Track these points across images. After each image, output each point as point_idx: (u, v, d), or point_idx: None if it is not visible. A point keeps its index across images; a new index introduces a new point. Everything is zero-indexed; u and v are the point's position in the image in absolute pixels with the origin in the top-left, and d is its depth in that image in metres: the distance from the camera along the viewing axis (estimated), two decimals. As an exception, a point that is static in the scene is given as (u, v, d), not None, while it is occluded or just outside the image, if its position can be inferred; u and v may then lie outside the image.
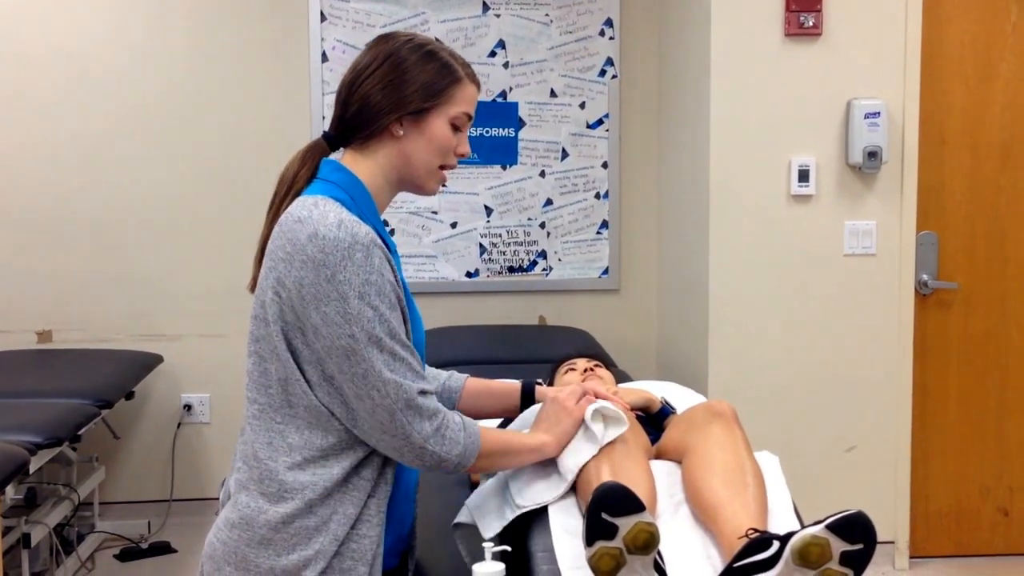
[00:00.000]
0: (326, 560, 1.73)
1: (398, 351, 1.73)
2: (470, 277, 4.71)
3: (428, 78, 1.84)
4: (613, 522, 1.80)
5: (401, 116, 1.83)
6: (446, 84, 1.85)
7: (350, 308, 1.69)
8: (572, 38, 4.68)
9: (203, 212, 4.55)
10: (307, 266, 1.70)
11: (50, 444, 3.20)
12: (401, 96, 1.82)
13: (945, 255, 4.06)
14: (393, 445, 1.75)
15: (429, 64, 1.85)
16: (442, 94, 1.85)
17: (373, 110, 1.83)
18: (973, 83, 4.02)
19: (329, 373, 1.73)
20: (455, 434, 1.79)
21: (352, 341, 1.69)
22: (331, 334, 1.70)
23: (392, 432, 1.73)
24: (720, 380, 3.94)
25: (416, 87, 1.83)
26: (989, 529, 4.16)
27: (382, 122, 1.83)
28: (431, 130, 1.85)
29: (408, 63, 1.83)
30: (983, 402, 4.12)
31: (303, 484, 1.74)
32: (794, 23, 3.85)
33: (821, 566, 1.79)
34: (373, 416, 1.72)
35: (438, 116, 1.85)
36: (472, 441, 1.81)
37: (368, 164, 1.86)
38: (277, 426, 1.77)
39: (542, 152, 4.70)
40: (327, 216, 1.72)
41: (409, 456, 1.76)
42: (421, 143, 1.85)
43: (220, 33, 4.52)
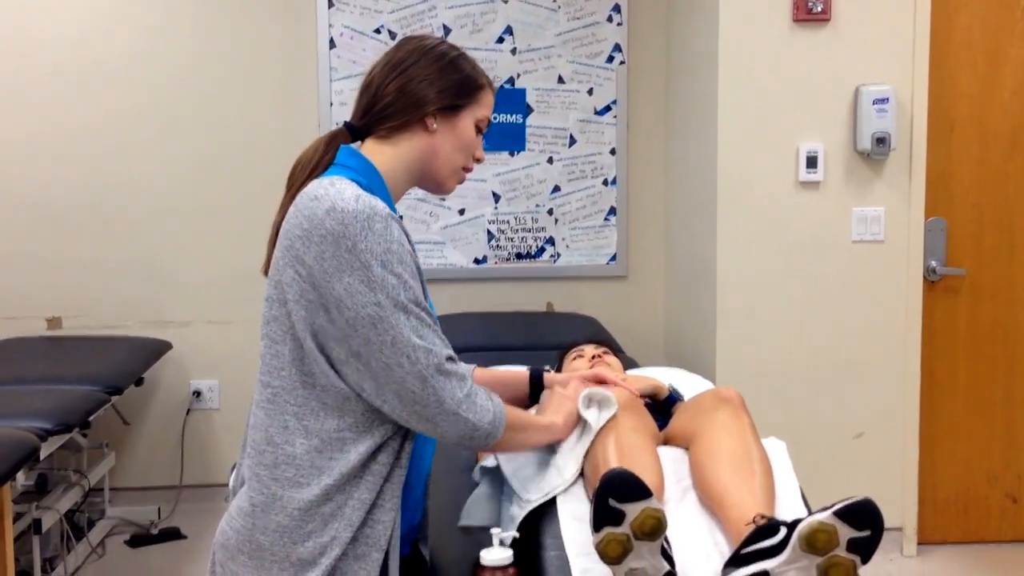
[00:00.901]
0: (341, 547, 1.72)
1: (424, 317, 1.73)
2: (478, 264, 4.72)
3: (464, 77, 1.89)
4: (620, 508, 1.80)
5: (439, 110, 1.86)
6: (478, 86, 1.91)
7: (374, 276, 1.68)
8: (580, 24, 4.67)
9: (212, 199, 4.56)
10: (326, 240, 1.69)
11: (60, 430, 3.21)
12: (439, 89, 1.86)
13: (953, 242, 4.06)
14: (426, 415, 1.73)
15: (464, 64, 1.91)
16: (474, 94, 1.90)
17: (409, 102, 1.85)
18: (982, 69, 4.01)
19: (355, 348, 1.71)
20: (485, 401, 1.78)
21: (378, 308, 1.68)
22: (356, 304, 1.68)
23: (424, 401, 1.71)
24: (728, 367, 3.94)
25: (452, 82, 1.87)
26: (997, 516, 4.16)
27: (420, 112, 1.86)
28: (461, 128, 1.89)
29: (448, 59, 1.89)
30: (991, 389, 4.12)
31: (320, 469, 1.73)
32: (802, 8, 3.84)
33: (828, 552, 1.79)
34: (404, 386, 1.70)
35: (468, 115, 1.90)
36: (500, 411, 1.81)
37: (391, 153, 1.87)
38: (292, 409, 1.75)
39: (550, 138, 4.70)
40: (344, 192, 1.72)
41: (444, 425, 1.74)
42: (451, 139, 1.88)
43: (228, 20, 4.52)
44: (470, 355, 3.90)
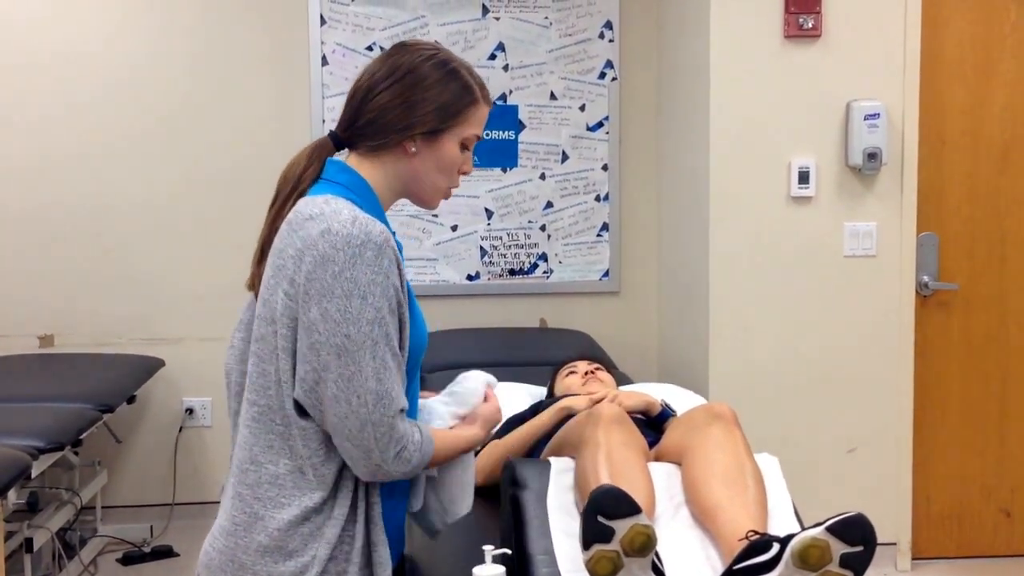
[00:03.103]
0: (321, 565, 1.70)
1: (388, 361, 1.68)
2: (471, 280, 4.72)
3: (447, 99, 1.81)
4: (609, 525, 1.80)
5: (416, 134, 1.81)
6: (463, 106, 1.83)
7: (351, 307, 1.65)
8: (572, 41, 4.69)
9: (204, 215, 4.55)
10: (316, 261, 1.67)
11: (52, 448, 3.20)
12: (419, 115, 1.80)
13: (945, 256, 4.06)
14: (350, 454, 1.70)
15: (450, 84, 1.82)
16: (458, 116, 1.82)
17: (388, 124, 1.81)
18: (972, 84, 4.02)
19: (312, 371, 1.68)
20: (411, 455, 1.72)
21: (347, 340, 1.65)
22: (327, 331, 1.66)
23: (354, 442, 1.68)
24: (721, 382, 3.94)
25: (434, 107, 1.80)
26: (991, 530, 4.15)
27: (399, 136, 1.81)
28: (442, 151, 1.83)
29: (429, 81, 1.81)
30: (984, 403, 4.12)
31: (302, 489, 1.72)
32: (793, 25, 3.85)
33: (821, 568, 1.79)
34: (343, 421, 1.67)
35: (451, 137, 1.82)
36: (423, 459, 1.75)
37: (375, 170, 1.84)
38: (278, 428, 1.73)
39: (542, 155, 4.70)
40: (340, 212, 1.70)
41: (360, 467, 1.70)
42: (431, 162, 1.83)
43: (221, 37, 4.52)
44: (464, 371, 3.90)
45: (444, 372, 4.02)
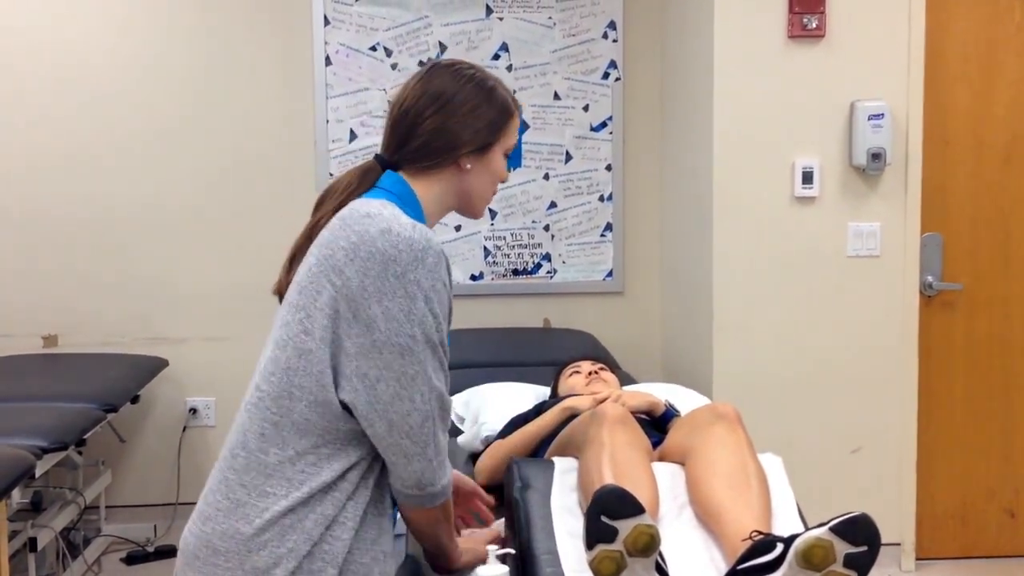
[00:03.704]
0: (296, 560, 1.69)
1: (444, 361, 1.77)
2: (474, 280, 4.72)
3: (492, 116, 1.89)
4: (613, 525, 1.80)
5: (471, 150, 1.88)
6: (505, 119, 1.92)
7: (416, 308, 1.69)
8: (575, 41, 4.69)
9: (208, 216, 4.55)
10: (375, 258, 1.69)
11: (56, 448, 3.21)
12: (469, 135, 1.87)
13: (949, 256, 4.06)
14: (407, 451, 1.72)
15: (493, 101, 1.90)
16: (502, 129, 1.91)
17: (441, 147, 1.86)
18: (977, 84, 4.02)
19: (368, 369, 1.69)
20: (450, 466, 1.82)
21: (411, 340, 1.69)
22: (390, 329, 1.68)
23: (414, 437, 1.72)
24: (724, 382, 3.94)
25: (485, 124, 1.88)
26: (995, 531, 4.15)
27: (452, 156, 1.87)
28: (493, 163, 1.92)
29: (475, 102, 1.88)
30: (988, 403, 4.11)
31: (290, 481, 1.71)
32: (797, 25, 3.85)
33: (825, 568, 1.79)
34: (405, 418, 1.71)
35: (498, 149, 1.92)
36: (448, 481, 1.83)
37: (427, 188, 1.88)
38: (273, 417, 1.73)
39: (546, 155, 4.71)
40: (400, 216, 1.74)
41: (416, 464, 1.74)
42: (484, 176, 1.92)
43: (224, 38, 4.53)
44: (467, 371, 3.90)
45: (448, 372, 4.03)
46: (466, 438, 3.15)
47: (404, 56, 4.60)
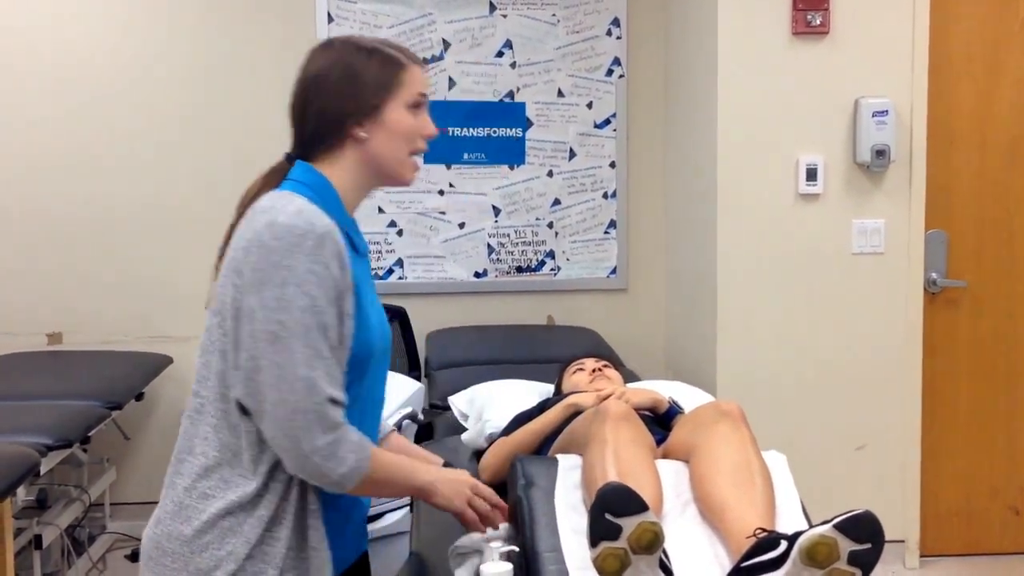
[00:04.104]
0: (237, 562, 1.70)
1: (322, 350, 1.68)
2: (478, 277, 4.72)
3: (375, 74, 1.84)
4: (617, 522, 1.80)
5: (360, 118, 1.83)
6: (391, 74, 1.85)
7: (286, 294, 1.66)
8: (579, 38, 4.68)
9: (211, 213, 4.52)
10: (260, 251, 1.69)
11: (61, 446, 3.21)
12: (355, 99, 1.83)
13: (954, 253, 4.05)
14: (282, 445, 1.69)
15: (372, 60, 1.85)
16: (390, 84, 1.84)
17: (331, 121, 1.83)
18: (981, 80, 4.01)
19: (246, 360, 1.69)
20: (346, 453, 1.70)
21: (280, 328, 1.66)
22: (263, 318, 1.67)
23: (285, 431, 1.67)
24: (728, 379, 3.93)
25: (366, 86, 1.83)
26: (1000, 528, 4.15)
27: (343, 128, 1.83)
28: (390, 121, 1.84)
29: (355, 66, 1.84)
30: (993, 400, 4.11)
31: (228, 483, 1.72)
32: (801, 21, 3.84)
33: (829, 566, 1.79)
34: (275, 408, 1.67)
35: (393, 106, 1.84)
36: (360, 464, 1.72)
37: (336, 170, 1.85)
38: (212, 420, 1.75)
39: (550, 152, 4.70)
40: (287, 205, 1.72)
41: (291, 462, 1.69)
42: (384, 137, 1.84)
43: (227, 36, 4.53)
44: (470, 369, 3.91)
45: (452, 369, 4.04)
46: (470, 435, 3.15)
47: (408, 53, 4.60)
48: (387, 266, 4.65)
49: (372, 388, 1.86)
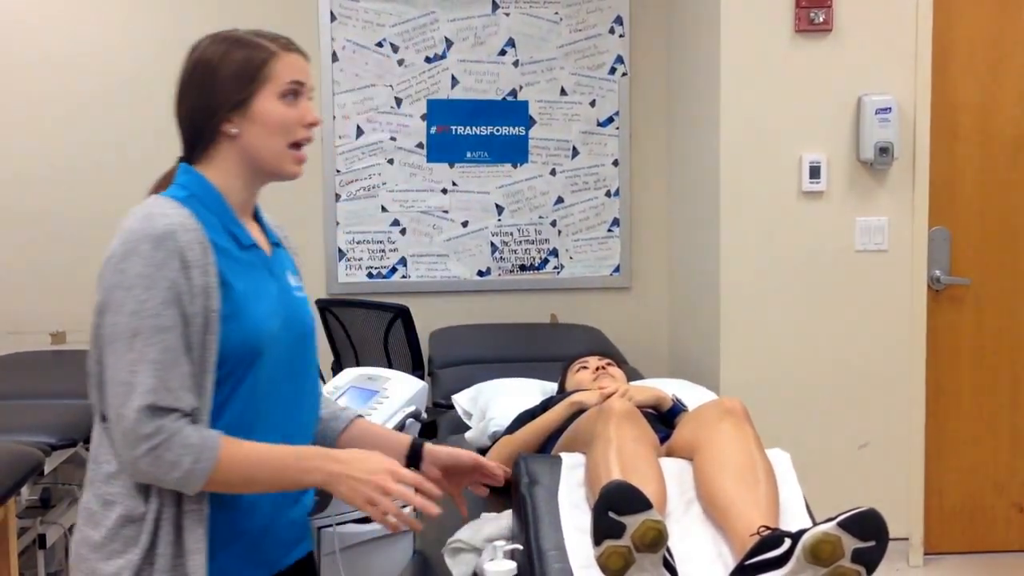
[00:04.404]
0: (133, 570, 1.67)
1: (149, 354, 1.63)
2: (481, 276, 4.72)
3: (237, 67, 1.79)
4: (620, 520, 1.80)
5: (227, 114, 1.78)
6: (258, 64, 1.80)
7: (114, 298, 1.66)
8: (582, 36, 4.68)
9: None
10: (107, 258, 1.70)
11: (64, 445, 3.21)
12: (220, 96, 1.79)
13: (957, 251, 4.05)
14: (116, 451, 1.68)
15: (235, 53, 1.81)
16: (258, 75, 1.79)
17: (200, 121, 1.82)
18: (985, 78, 4.01)
19: (89, 366, 1.71)
20: (178, 457, 1.63)
21: (112, 331, 1.66)
22: (97, 323, 1.68)
23: (114, 437, 1.67)
24: (732, 377, 3.93)
25: (228, 79, 1.79)
26: (1004, 525, 4.14)
27: (212, 127, 1.80)
28: (261, 114, 1.78)
29: (215, 62, 1.81)
30: (996, 397, 4.11)
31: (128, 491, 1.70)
32: (804, 19, 3.84)
33: (833, 563, 1.79)
34: (109, 413, 1.67)
35: (263, 98, 1.78)
36: (199, 465, 1.64)
37: (216, 170, 1.82)
38: (105, 427, 1.73)
39: (552, 150, 4.70)
40: (141, 210, 1.73)
41: (126, 468, 1.66)
42: (256, 131, 1.79)
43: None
44: (474, 367, 3.91)
45: (455, 368, 4.03)
46: (473, 434, 3.15)
47: (410, 52, 4.60)
48: (390, 265, 4.65)
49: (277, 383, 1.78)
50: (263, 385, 1.75)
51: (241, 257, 1.77)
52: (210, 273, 1.69)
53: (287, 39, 1.86)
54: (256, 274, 1.78)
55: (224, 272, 1.71)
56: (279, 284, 1.82)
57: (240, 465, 1.68)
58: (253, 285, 1.76)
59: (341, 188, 4.61)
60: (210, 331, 1.67)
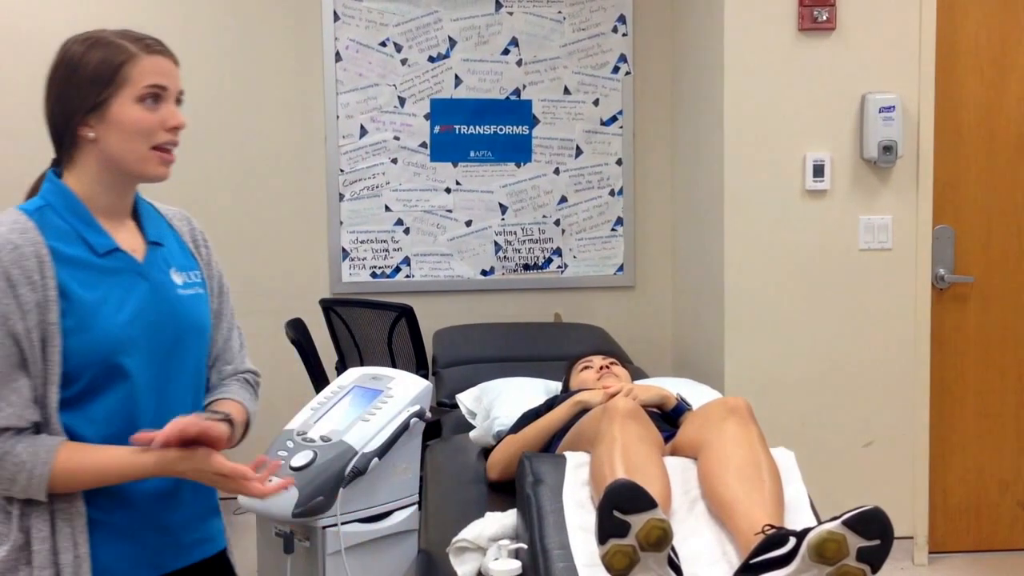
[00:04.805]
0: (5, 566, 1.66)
1: None
2: (485, 275, 4.72)
3: (94, 69, 1.75)
4: (625, 519, 1.80)
5: (84, 117, 1.75)
6: (116, 66, 1.76)
7: None
8: (585, 35, 4.68)
9: (217, 211, 4.56)
10: None
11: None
12: (75, 100, 1.75)
13: (961, 249, 4.05)
14: None
15: (93, 54, 1.77)
16: (115, 77, 1.75)
17: (60, 122, 1.79)
18: (988, 76, 4.00)
19: None
20: (11, 474, 1.63)
21: None
22: None
23: None
24: (736, 376, 3.93)
25: (83, 83, 1.75)
26: (1008, 524, 4.14)
27: (70, 130, 1.78)
28: (118, 118, 1.75)
29: (73, 62, 1.77)
30: (1001, 396, 4.10)
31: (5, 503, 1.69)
32: (808, 18, 3.84)
33: (838, 562, 1.78)
34: None
35: (120, 102, 1.75)
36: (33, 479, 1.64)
37: (78, 175, 1.79)
38: None
39: (556, 149, 4.70)
40: None
41: None
42: (115, 135, 1.75)
43: (234, 35, 4.53)
44: (478, 366, 3.91)
45: (459, 367, 4.03)
46: (478, 433, 3.15)
47: (414, 52, 4.60)
48: (394, 264, 4.66)
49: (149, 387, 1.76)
50: (133, 390, 1.73)
51: (98, 264, 1.74)
52: (47, 287, 1.66)
53: (153, 40, 1.83)
54: (116, 280, 1.75)
55: (67, 284, 1.68)
56: (152, 285, 1.79)
57: (81, 469, 1.67)
58: (108, 293, 1.73)
59: (345, 188, 4.61)
60: (50, 344, 1.65)
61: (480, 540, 2.28)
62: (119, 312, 1.72)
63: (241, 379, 1.98)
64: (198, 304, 1.88)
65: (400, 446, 2.47)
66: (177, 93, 1.84)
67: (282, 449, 2.47)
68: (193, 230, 1.99)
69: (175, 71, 1.84)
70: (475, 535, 2.30)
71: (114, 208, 1.81)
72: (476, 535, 2.30)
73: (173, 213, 1.97)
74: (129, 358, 1.72)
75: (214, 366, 1.95)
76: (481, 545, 2.28)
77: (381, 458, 2.41)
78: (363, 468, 2.36)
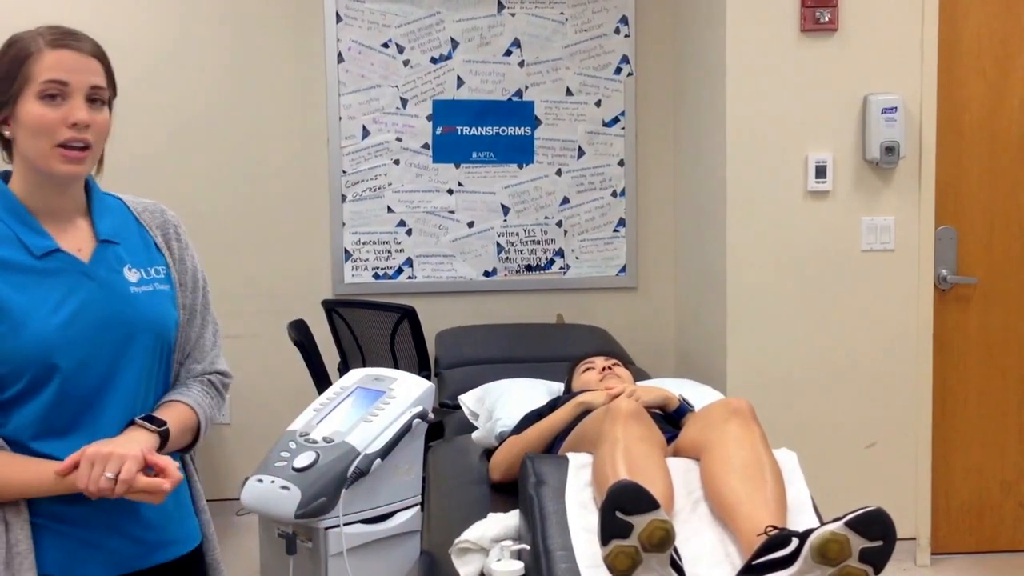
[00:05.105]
0: None
1: None
2: (487, 276, 4.72)
3: (6, 67, 1.74)
4: (627, 520, 1.80)
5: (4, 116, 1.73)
6: (19, 64, 1.73)
7: None
8: (587, 36, 4.68)
9: (220, 212, 4.57)
10: None
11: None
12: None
13: (964, 250, 4.04)
14: None
15: (8, 52, 1.76)
16: (17, 77, 1.72)
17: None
18: (991, 76, 4.00)
19: None
20: None
21: None
22: None
23: None
24: (738, 377, 3.93)
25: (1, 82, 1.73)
26: (1011, 525, 4.14)
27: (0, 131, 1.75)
28: (22, 116, 1.71)
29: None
30: (1003, 397, 4.10)
31: None
32: (810, 18, 3.84)
33: (840, 563, 1.78)
34: None
35: (24, 99, 1.71)
36: None
37: (15, 175, 1.77)
38: None
39: (558, 150, 4.70)
40: None
41: None
42: (22, 133, 1.72)
43: (237, 35, 4.54)
44: (480, 368, 3.91)
45: (461, 368, 4.04)
46: (480, 434, 3.16)
47: (416, 52, 4.61)
48: (396, 265, 4.66)
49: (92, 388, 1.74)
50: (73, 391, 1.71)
51: (34, 266, 1.71)
52: None
53: (63, 33, 1.79)
54: (55, 282, 1.72)
55: None
56: (99, 284, 1.76)
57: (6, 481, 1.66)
58: (45, 295, 1.71)
59: (347, 189, 4.61)
60: None
61: (483, 541, 2.29)
62: (54, 314, 1.69)
63: (206, 380, 1.96)
64: (155, 301, 1.83)
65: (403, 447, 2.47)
66: (88, 88, 1.75)
67: (285, 450, 2.47)
68: (165, 223, 1.95)
69: (85, 65, 1.77)
70: (478, 536, 2.30)
71: (56, 207, 1.77)
72: (479, 536, 2.30)
73: (145, 206, 1.93)
74: (67, 359, 1.69)
75: (184, 363, 1.92)
76: (484, 546, 2.28)
77: (384, 459, 2.41)
78: (366, 469, 2.36)
